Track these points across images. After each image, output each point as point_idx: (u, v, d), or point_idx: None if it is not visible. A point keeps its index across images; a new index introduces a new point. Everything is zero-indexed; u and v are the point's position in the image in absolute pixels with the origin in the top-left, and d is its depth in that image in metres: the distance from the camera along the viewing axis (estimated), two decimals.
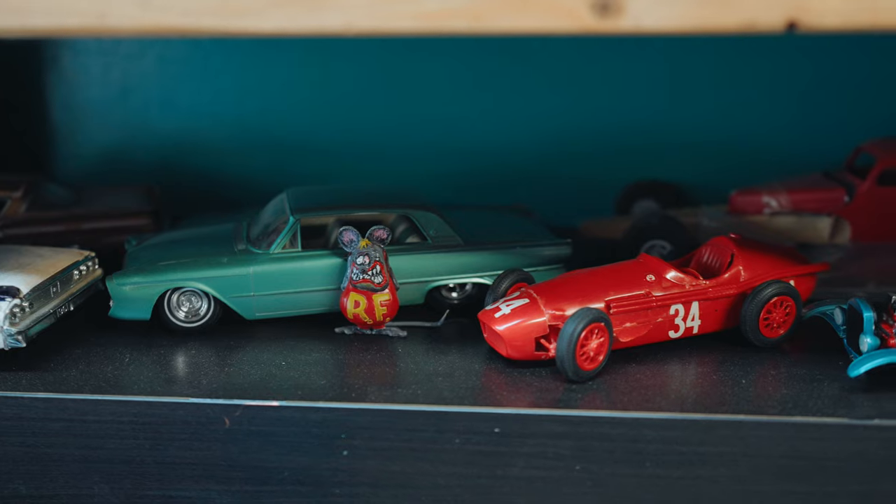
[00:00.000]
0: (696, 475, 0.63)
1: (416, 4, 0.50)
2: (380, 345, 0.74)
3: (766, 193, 0.91)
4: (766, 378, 0.68)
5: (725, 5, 0.48)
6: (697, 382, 0.68)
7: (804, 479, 0.63)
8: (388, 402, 0.65)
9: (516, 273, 0.74)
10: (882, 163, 0.87)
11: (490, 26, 0.50)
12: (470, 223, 0.82)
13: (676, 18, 0.49)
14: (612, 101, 1.03)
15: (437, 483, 0.65)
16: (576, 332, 0.66)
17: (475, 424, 0.64)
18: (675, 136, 1.03)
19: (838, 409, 0.63)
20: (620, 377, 0.68)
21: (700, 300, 0.72)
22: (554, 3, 0.49)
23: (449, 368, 0.70)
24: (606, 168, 1.04)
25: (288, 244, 0.76)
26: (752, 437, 0.62)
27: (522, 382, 0.68)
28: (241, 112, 1.04)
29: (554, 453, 0.64)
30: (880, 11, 0.48)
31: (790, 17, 0.48)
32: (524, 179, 1.05)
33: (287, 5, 0.50)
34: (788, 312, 0.72)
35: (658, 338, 0.72)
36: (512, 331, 0.68)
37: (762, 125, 1.02)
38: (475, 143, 1.05)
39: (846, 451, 0.62)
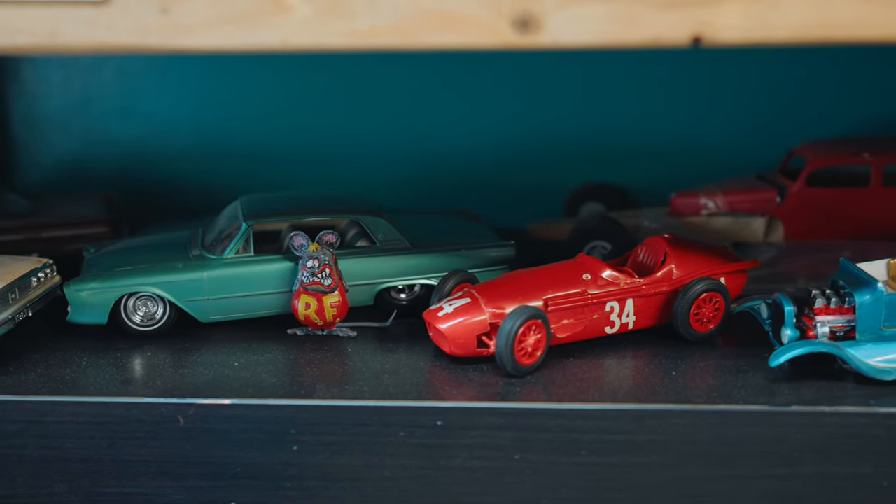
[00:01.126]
0: (629, 462, 0.67)
1: (349, 22, 0.53)
2: (330, 345, 0.77)
3: (703, 195, 0.95)
4: (695, 370, 0.72)
5: (634, 23, 0.52)
6: (630, 375, 0.72)
7: (729, 464, 0.67)
8: (335, 398, 0.68)
9: (460, 274, 0.78)
10: (811, 165, 0.91)
11: (418, 42, 0.53)
12: (418, 227, 0.85)
13: (590, 34, 0.52)
14: (559, 110, 1.07)
15: (383, 475, 0.68)
16: (513, 329, 0.69)
17: (418, 418, 0.67)
18: (620, 142, 1.08)
19: (760, 398, 0.67)
20: (558, 371, 0.72)
21: (634, 297, 0.76)
22: (477, 21, 0.52)
23: (395, 366, 0.73)
24: (555, 173, 1.08)
25: (241, 249, 0.79)
26: (679, 425, 0.66)
27: (465, 378, 0.71)
28: (199, 121, 1.06)
29: (494, 444, 0.67)
30: (774, 28, 0.52)
31: (694, 33, 0.52)
32: (476, 185, 1.09)
33: (226, 25, 0.53)
34: (718, 308, 0.76)
35: (595, 333, 0.75)
36: (454, 329, 0.72)
37: (702, 131, 1.06)
38: (428, 151, 1.08)
39: (767, 437, 0.66)
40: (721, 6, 0.52)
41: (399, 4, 0.53)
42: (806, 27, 0.52)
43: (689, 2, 0.52)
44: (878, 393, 0.68)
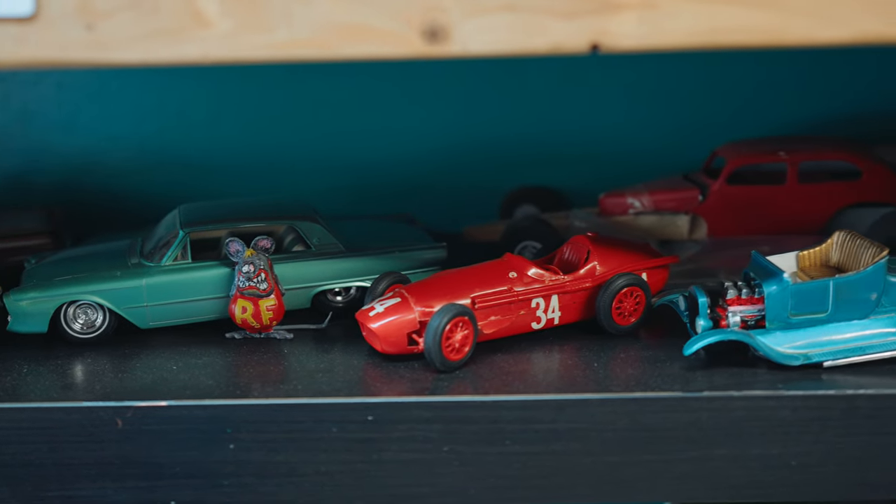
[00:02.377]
0: (551, 450, 0.70)
1: (267, 35, 0.55)
2: (267, 347, 0.80)
3: (630, 195, 0.99)
4: (616, 361, 0.76)
5: (536, 31, 0.55)
6: (554, 367, 0.75)
7: (647, 449, 0.70)
8: (270, 397, 0.70)
9: (392, 275, 0.80)
10: (730, 164, 0.95)
11: (333, 54, 0.56)
12: (353, 231, 0.88)
13: (495, 43, 0.56)
14: (495, 116, 1.10)
15: (318, 470, 0.71)
16: (440, 326, 0.72)
17: (350, 414, 0.70)
18: (553, 146, 1.11)
19: (675, 385, 0.71)
20: (486, 366, 0.75)
21: (559, 293, 0.79)
22: (389, 32, 0.55)
23: (329, 365, 0.76)
24: (491, 177, 1.11)
25: (179, 256, 0.81)
26: (598, 413, 0.69)
27: (396, 374, 0.74)
28: (140, 133, 1.08)
29: (423, 437, 0.70)
30: (667, 35, 0.55)
31: (592, 41, 0.55)
32: (415, 190, 1.12)
33: (149, 40, 0.55)
34: (639, 302, 0.80)
35: (522, 329, 0.79)
36: (385, 328, 0.74)
37: (633, 134, 1.10)
38: (367, 157, 1.11)
39: (682, 422, 0.70)
40: (617, 15, 0.55)
41: (314, 18, 0.55)
42: (697, 34, 0.56)
43: (587, 11, 0.55)
44: (786, 377, 0.71)
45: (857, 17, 0.55)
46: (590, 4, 0.55)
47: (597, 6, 0.55)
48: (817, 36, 0.55)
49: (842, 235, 0.78)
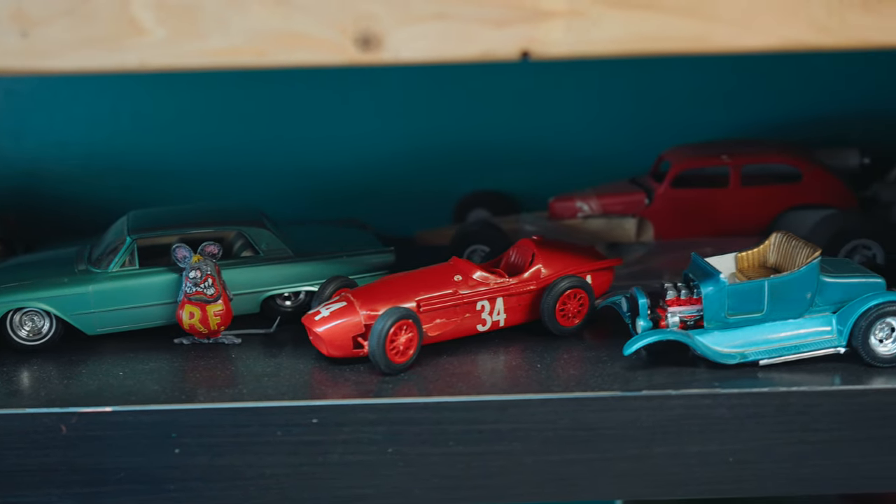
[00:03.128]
0: (494, 450, 0.71)
1: (204, 42, 0.56)
2: (215, 352, 0.80)
3: (579, 199, 1.00)
4: (559, 361, 0.77)
5: (467, 39, 0.56)
6: (498, 369, 0.76)
7: (588, 448, 0.71)
8: (215, 401, 0.71)
9: (339, 280, 0.81)
10: (675, 167, 0.97)
11: (269, 61, 0.57)
12: (302, 236, 0.88)
13: (428, 50, 0.57)
14: (448, 121, 1.12)
15: (263, 473, 0.71)
16: (384, 329, 0.73)
17: (295, 417, 0.70)
18: (506, 151, 1.12)
19: (615, 384, 0.72)
20: (431, 368, 0.76)
21: (504, 296, 0.80)
22: (323, 40, 0.56)
23: (276, 369, 0.76)
24: (444, 182, 1.12)
25: (126, 262, 0.82)
26: (539, 413, 0.71)
27: (341, 378, 0.75)
28: (91, 140, 1.08)
29: (368, 439, 0.71)
30: (595, 43, 0.57)
31: (523, 48, 0.57)
32: (369, 195, 1.13)
33: (85, 47, 0.56)
34: (582, 303, 0.81)
35: (467, 331, 0.80)
36: (330, 331, 0.75)
37: (582, 138, 1.11)
38: (320, 163, 1.11)
39: (622, 420, 0.71)
40: (546, 23, 0.57)
41: (249, 25, 0.56)
42: (624, 41, 0.57)
43: (516, 19, 0.57)
44: (723, 376, 0.73)
45: (780, 25, 0.57)
46: (519, 13, 0.56)
47: (526, 15, 0.56)
48: (741, 43, 0.57)
49: (778, 237, 0.80)
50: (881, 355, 0.74)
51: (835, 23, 0.56)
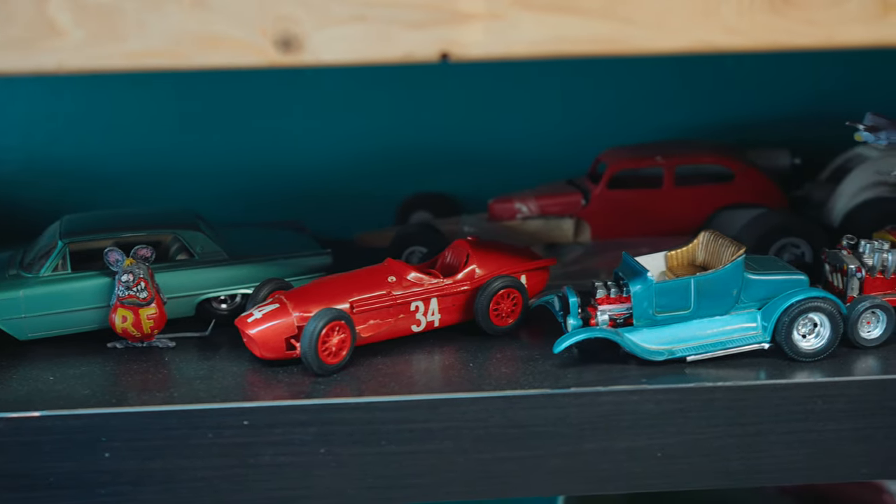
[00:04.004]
0: (426, 449, 0.72)
1: (121, 45, 0.56)
2: (148, 356, 0.80)
3: (517, 200, 1.01)
4: (491, 360, 0.78)
5: (387, 41, 0.57)
6: (431, 368, 0.77)
7: (518, 445, 0.72)
8: (146, 405, 0.71)
9: (274, 282, 0.81)
10: (610, 169, 0.98)
11: (189, 63, 0.57)
12: (239, 239, 0.88)
13: (348, 52, 0.57)
14: (390, 123, 1.12)
15: (194, 476, 0.71)
16: (316, 331, 0.73)
17: (226, 419, 0.70)
18: (448, 153, 1.13)
19: (545, 382, 0.73)
20: (364, 368, 0.76)
21: (438, 296, 0.81)
22: (243, 42, 0.57)
23: (209, 372, 0.76)
24: (387, 184, 1.12)
25: (58, 266, 0.81)
26: (470, 411, 0.71)
27: (274, 379, 0.75)
28: (29, 143, 1.07)
29: (300, 440, 0.71)
30: (514, 44, 0.57)
31: (442, 50, 0.57)
32: (312, 198, 1.13)
33: (2, 49, 0.55)
34: (516, 303, 0.82)
35: (402, 332, 0.80)
36: (262, 333, 0.75)
37: (523, 140, 1.13)
38: (263, 165, 1.11)
39: (551, 417, 0.72)
40: (464, 25, 0.57)
41: (167, 28, 0.56)
42: (541, 43, 0.58)
43: (435, 21, 0.57)
44: (651, 372, 0.74)
45: (693, 28, 0.58)
46: (438, 15, 0.57)
47: (445, 17, 0.57)
48: (655, 45, 0.58)
49: (706, 236, 0.81)
50: (804, 350, 0.75)
51: (745, 25, 0.58)
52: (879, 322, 0.77)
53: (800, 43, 0.58)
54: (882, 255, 0.80)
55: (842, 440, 0.73)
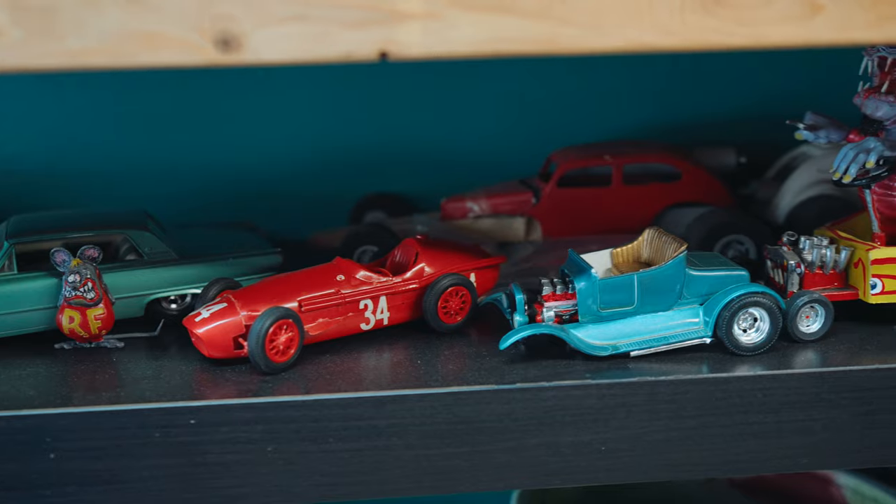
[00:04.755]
0: (372, 446, 0.72)
1: (58, 44, 0.56)
2: (96, 356, 0.80)
3: (469, 200, 1.02)
4: (439, 357, 0.78)
5: (326, 41, 0.57)
6: (379, 366, 0.78)
7: (465, 441, 0.73)
8: (91, 405, 0.71)
9: (223, 281, 0.82)
10: (560, 168, 1.00)
11: (127, 62, 0.57)
12: (189, 239, 0.88)
13: (288, 52, 0.58)
14: (344, 124, 1.13)
15: (141, 476, 0.71)
16: (263, 329, 0.74)
17: (172, 418, 0.70)
18: (401, 153, 1.14)
19: (491, 378, 0.74)
20: (313, 366, 0.77)
21: (387, 295, 0.81)
22: (182, 40, 0.57)
23: (157, 372, 0.76)
24: (341, 184, 1.13)
25: (5, 267, 0.80)
26: (417, 407, 0.72)
27: (222, 378, 0.75)
28: None
29: (246, 438, 0.71)
30: (452, 44, 0.58)
31: (381, 49, 0.58)
32: (266, 198, 1.13)
33: None
34: (464, 301, 0.83)
35: (351, 330, 0.81)
36: (210, 332, 0.76)
37: (477, 140, 1.14)
38: (219, 166, 1.11)
39: (497, 413, 0.73)
40: (403, 25, 0.58)
41: (105, 27, 0.56)
42: (478, 43, 0.59)
43: (374, 21, 0.58)
44: (596, 367, 0.75)
45: (626, 28, 0.59)
46: (377, 15, 0.58)
47: (383, 17, 0.58)
48: (589, 45, 0.59)
49: (650, 233, 0.83)
50: (744, 344, 0.77)
51: (677, 25, 0.59)
52: (818, 316, 0.79)
53: (731, 43, 0.59)
54: (821, 251, 0.82)
55: (782, 432, 0.75)
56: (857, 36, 0.60)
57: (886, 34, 0.61)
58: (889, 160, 0.79)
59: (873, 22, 0.60)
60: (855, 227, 0.86)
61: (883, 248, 0.80)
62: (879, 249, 0.80)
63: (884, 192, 0.81)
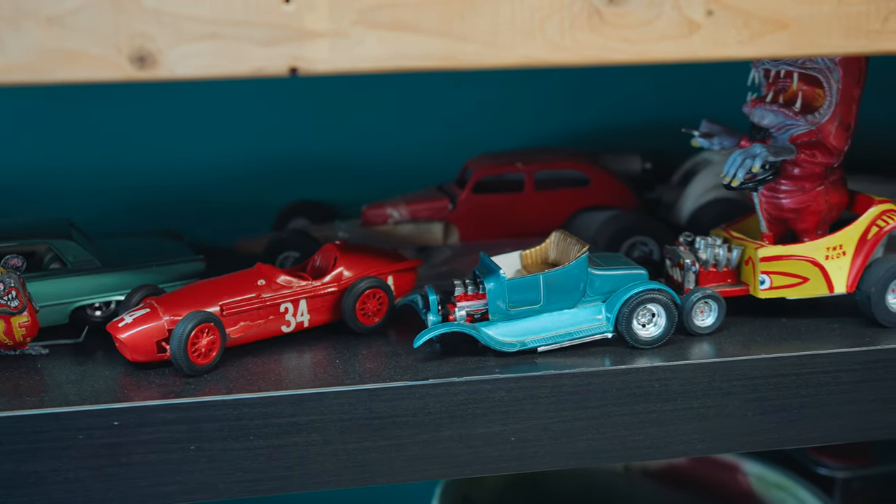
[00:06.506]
0: (293, 442, 0.76)
1: None
2: (21, 363, 0.81)
3: (389, 206, 1.06)
4: (357, 357, 0.82)
5: (238, 58, 0.61)
6: (299, 366, 0.81)
7: (381, 435, 0.77)
8: (15, 409, 0.72)
9: (146, 288, 0.84)
10: (475, 175, 1.04)
11: (48, 78, 0.60)
12: (113, 248, 0.91)
13: (202, 68, 0.61)
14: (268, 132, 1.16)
15: (67, 478, 0.73)
16: (185, 333, 0.76)
17: (96, 420, 0.73)
18: (325, 162, 1.17)
19: (405, 375, 0.78)
20: (235, 368, 0.80)
21: (307, 298, 0.85)
22: (100, 58, 0.60)
23: (81, 377, 0.78)
24: (267, 192, 1.16)
25: None
26: (334, 405, 0.76)
27: (146, 381, 0.78)
28: None
29: (170, 438, 0.74)
30: (358, 60, 0.62)
31: (291, 66, 0.62)
32: (194, 207, 1.15)
33: None
34: (382, 302, 0.87)
35: (273, 333, 0.84)
36: (133, 337, 0.78)
37: (397, 149, 1.18)
38: (144, 177, 1.13)
39: (411, 408, 0.77)
40: (311, 42, 0.62)
41: (26, 44, 0.59)
42: (383, 59, 0.63)
43: (284, 39, 0.62)
44: (505, 363, 0.80)
45: (521, 45, 0.64)
46: (287, 33, 0.61)
47: (293, 35, 0.61)
48: (487, 61, 0.64)
49: (557, 235, 0.88)
50: (643, 338, 0.82)
51: (567, 42, 0.64)
52: (712, 311, 0.85)
53: (616, 58, 0.64)
54: (715, 250, 0.88)
55: (678, 419, 0.80)
56: (730, 52, 0.66)
57: (757, 50, 0.66)
58: (774, 165, 0.86)
59: (745, 40, 0.66)
60: (746, 227, 0.92)
61: (770, 247, 0.87)
62: (767, 248, 0.86)
63: (771, 195, 0.88)
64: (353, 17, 0.62)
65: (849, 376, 0.82)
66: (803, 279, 0.86)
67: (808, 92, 0.86)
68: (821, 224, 0.88)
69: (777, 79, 0.88)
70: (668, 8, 0.65)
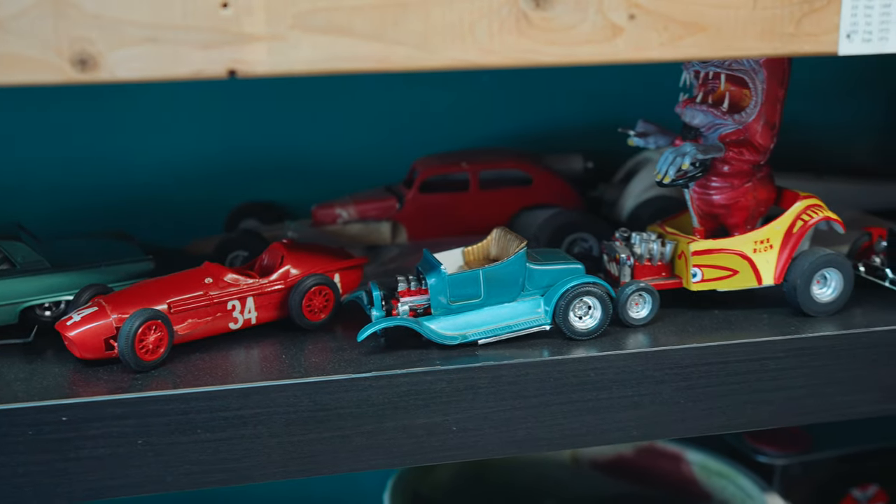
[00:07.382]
0: (240, 435, 0.78)
1: None
2: None
3: (338, 206, 1.08)
4: (303, 352, 0.84)
5: (178, 60, 0.63)
6: (246, 361, 0.83)
7: (326, 427, 0.79)
8: None
9: (95, 287, 0.86)
10: (422, 174, 1.07)
11: None
12: (63, 249, 0.92)
13: (142, 70, 0.63)
14: (217, 134, 1.17)
15: (16, 472, 0.75)
16: (132, 330, 0.78)
17: (44, 416, 0.74)
18: (275, 163, 1.19)
19: (349, 368, 0.80)
20: (182, 364, 0.82)
21: (254, 295, 0.87)
22: (41, 61, 0.62)
23: (30, 374, 0.80)
24: (218, 193, 1.17)
25: None
26: (279, 398, 0.78)
27: (94, 378, 0.79)
28: None
29: (118, 432, 0.76)
30: (294, 63, 0.65)
31: (230, 68, 0.64)
32: (145, 209, 1.16)
33: None
34: (328, 299, 0.89)
35: (220, 330, 0.86)
36: (81, 335, 0.80)
37: (346, 150, 1.20)
38: (95, 180, 1.14)
39: (355, 399, 0.79)
40: (249, 46, 0.64)
41: None
42: (318, 61, 0.65)
43: (222, 42, 0.64)
44: (446, 355, 0.83)
45: (451, 48, 0.67)
46: (225, 37, 0.64)
47: (230, 38, 0.64)
48: (419, 63, 0.66)
49: (497, 232, 0.90)
50: (579, 330, 0.85)
51: (496, 45, 0.67)
52: (646, 303, 0.88)
53: (543, 61, 0.67)
54: (649, 245, 0.91)
55: (613, 407, 0.84)
56: (652, 55, 0.69)
57: (678, 53, 0.70)
58: (704, 162, 0.89)
59: (666, 43, 0.70)
60: (680, 223, 0.96)
61: (701, 241, 0.90)
62: (698, 242, 0.90)
63: (702, 192, 0.91)
64: (289, 22, 0.64)
65: (775, 363, 0.85)
66: (733, 272, 0.90)
67: (736, 92, 0.89)
68: (750, 219, 0.92)
69: (707, 80, 0.91)
70: (593, 12, 0.68)
